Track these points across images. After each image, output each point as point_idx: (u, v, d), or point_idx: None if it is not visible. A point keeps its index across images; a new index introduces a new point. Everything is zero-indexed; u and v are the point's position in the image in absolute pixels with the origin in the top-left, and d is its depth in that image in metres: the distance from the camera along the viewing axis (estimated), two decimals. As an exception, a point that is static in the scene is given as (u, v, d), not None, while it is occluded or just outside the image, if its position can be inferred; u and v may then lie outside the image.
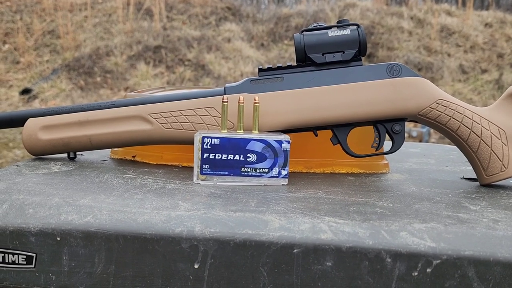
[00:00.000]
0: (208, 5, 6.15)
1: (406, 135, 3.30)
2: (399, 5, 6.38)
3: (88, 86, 5.04)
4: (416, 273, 0.45)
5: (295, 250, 0.46)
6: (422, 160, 0.85)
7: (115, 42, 5.52)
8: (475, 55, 5.42)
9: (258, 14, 6.22)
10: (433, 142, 3.47)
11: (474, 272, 0.45)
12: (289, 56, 5.38)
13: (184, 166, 0.72)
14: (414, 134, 3.30)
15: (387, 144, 0.70)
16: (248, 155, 0.61)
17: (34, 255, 0.48)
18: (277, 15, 6.04)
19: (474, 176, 0.68)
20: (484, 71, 5.27)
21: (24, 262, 0.48)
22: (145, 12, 5.98)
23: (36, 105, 4.73)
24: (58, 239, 0.48)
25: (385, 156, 0.76)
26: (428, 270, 0.45)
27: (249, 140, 0.61)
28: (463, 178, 0.72)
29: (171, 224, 0.48)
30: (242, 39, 5.64)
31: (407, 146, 0.99)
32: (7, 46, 5.66)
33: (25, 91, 4.97)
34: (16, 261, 0.48)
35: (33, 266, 0.48)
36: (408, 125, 3.39)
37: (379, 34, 5.55)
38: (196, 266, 0.47)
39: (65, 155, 0.72)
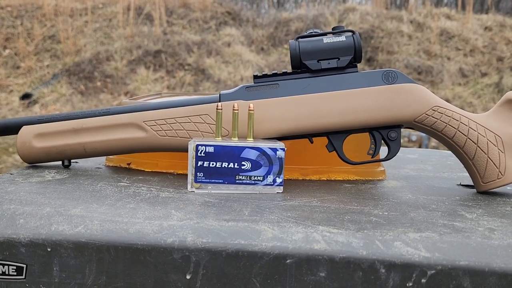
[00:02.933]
0: (208, 10, 6.16)
1: (405, 139, 3.30)
2: (398, 9, 6.39)
3: (88, 90, 5.04)
4: (410, 284, 0.45)
5: (288, 261, 0.46)
6: (419, 167, 0.84)
7: (115, 47, 5.53)
8: (475, 59, 5.42)
9: (258, 18, 6.22)
10: (433, 146, 3.46)
11: (469, 283, 0.44)
12: (289, 60, 5.37)
13: (179, 174, 0.72)
14: (414, 138, 3.29)
15: (384, 151, 0.70)
16: (243, 163, 0.60)
17: (24, 266, 0.48)
18: (277, 20, 6.05)
19: (471, 182, 0.68)
20: (484, 74, 5.27)
21: (15, 273, 0.48)
22: (145, 17, 5.99)
23: (37, 110, 4.73)
24: (49, 249, 0.47)
25: (382, 162, 0.75)
26: (423, 280, 0.45)
27: (243, 148, 0.60)
28: (460, 184, 0.71)
29: (163, 234, 0.47)
30: (242, 44, 5.64)
31: (405, 152, 0.98)
32: (7, 51, 5.67)
33: (26, 96, 4.98)
34: (6, 272, 0.48)
35: (23, 277, 0.48)
36: (408, 129, 3.38)
37: (378, 38, 5.55)
38: (188, 277, 0.47)
39: (60, 162, 0.72)
